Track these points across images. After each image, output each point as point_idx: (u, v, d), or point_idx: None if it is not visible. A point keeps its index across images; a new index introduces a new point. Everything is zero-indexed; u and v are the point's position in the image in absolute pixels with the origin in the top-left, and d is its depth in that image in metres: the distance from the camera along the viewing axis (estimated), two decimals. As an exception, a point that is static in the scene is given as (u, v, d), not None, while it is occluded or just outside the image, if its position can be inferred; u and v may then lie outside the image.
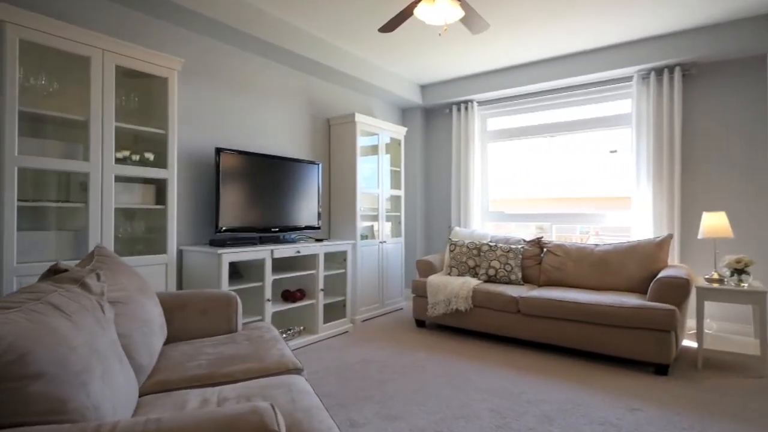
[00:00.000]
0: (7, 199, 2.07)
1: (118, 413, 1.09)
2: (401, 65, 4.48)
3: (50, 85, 2.35)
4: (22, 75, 2.24)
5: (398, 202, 4.88)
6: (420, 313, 3.95)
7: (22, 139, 2.20)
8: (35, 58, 2.32)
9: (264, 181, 3.42)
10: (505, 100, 4.86)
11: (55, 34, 2.20)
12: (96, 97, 2.37)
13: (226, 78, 3.42)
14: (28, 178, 2.33)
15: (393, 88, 4.69)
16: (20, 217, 2.28)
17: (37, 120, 2.31)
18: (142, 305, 1.69)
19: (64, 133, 2.45)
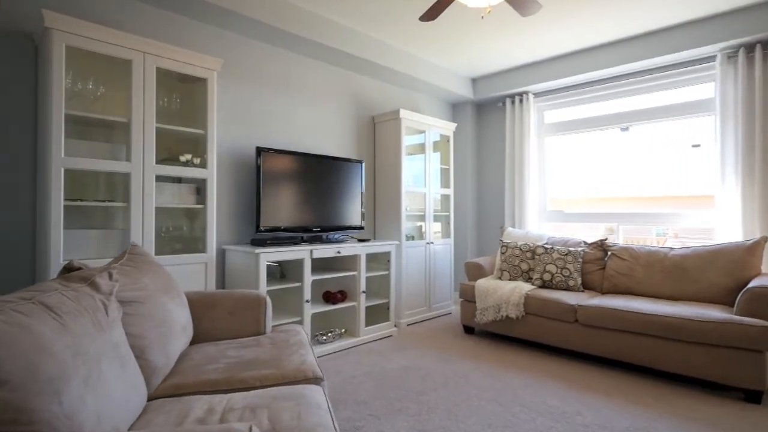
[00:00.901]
0: (54, 198, 2.16)
1: (105, 420, 1.02)
2: (450, 58, 4.26)
3: (96, 89, 2.45)
4: (70, 80, 2.34)
5: (447, 202, 4.66)
6: (468, 319, 3.72)
7: (69, 141, 2.29)
8: (80, 62, 2.42)
9: (306, 181, 3.38)
10: (564, 89, 4.47)
11: (98, 39, 2.27)
12: (137, 99, 2.43)
13: (267, 77, 3.42)
14: (75, 179, 2.43)
15: (441, 83, 4.48)
16: (67, 216, 2.39)
17: (82, 123, 2.41)
18: (162, 305, 1.67)
19: (108, 134, 2.54)
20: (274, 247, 2.94)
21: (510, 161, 4.74)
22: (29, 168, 2.35)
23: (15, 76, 2.31)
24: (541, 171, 4.71)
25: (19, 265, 2.31)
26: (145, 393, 1.38)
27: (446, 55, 4.19)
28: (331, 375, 2.81)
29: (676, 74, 3.82)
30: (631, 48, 3.79)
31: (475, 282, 3.70)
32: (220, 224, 3.13)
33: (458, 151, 5.15)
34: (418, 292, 4.19)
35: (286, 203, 3.25)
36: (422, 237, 4.36)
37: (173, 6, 2.81)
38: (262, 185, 3.10)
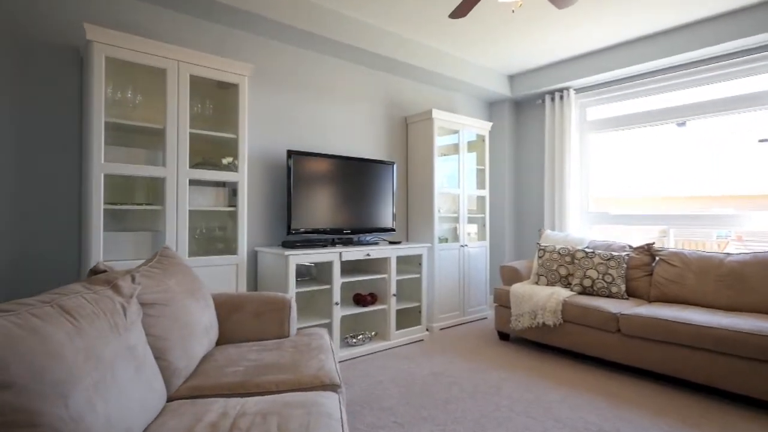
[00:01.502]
0: (95, 202, 2.27)
1: (116, 423, 1.05)
2: (485, 55, 4.14)
3: (134, 98, 2.56)
4: (110, 89, 2.46)
5: (483, 203, 4.53)
6: (503, 325, 3.59)
7: (109, 147, 2.41)
8: (120, 72, 2.54)
9: (337, 183, 3.38)
10: (609, 84, 4.22)
11: (135, 50, 2.37)
12: (172, 106, 2.52)
13: (298, 81, 3.46)
14: (115, 183, 2.55)
15: (477, 81, 4.36)
16: (108, 218, 2.51)
17: (121, 129, 2.52)
18: (186, 307, 1.70)
19: (145, 140, 2.65)
20: (303, 249, 2.97)
21: (550, 160, 4.54)
22: (76, 173, 2.50)
23: (64, 87, 2.46)
24: (583, 170, 4.48)
25: (67, 266, 2.46)
26: (165, 394, 1.41)
27: (481, 52, 4.06)
28: (358, 379, 2.79)
29: (740, 63, 3.50)
30: (684, 36, 3.51)
31: (510, 287, 3.57)
32: (253, 226, 3.20)
33: (494, 151, 5.00)
34: (451, 295, 4.10)
35: (317, 205, 3.27)
36: (456, 239, 4.26)
37: (206, 14, 2.90)
38: (293, 187, 3.13)
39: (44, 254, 2.40)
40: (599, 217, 4.37)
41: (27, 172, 2.36)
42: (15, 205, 2.33)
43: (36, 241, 2.38)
